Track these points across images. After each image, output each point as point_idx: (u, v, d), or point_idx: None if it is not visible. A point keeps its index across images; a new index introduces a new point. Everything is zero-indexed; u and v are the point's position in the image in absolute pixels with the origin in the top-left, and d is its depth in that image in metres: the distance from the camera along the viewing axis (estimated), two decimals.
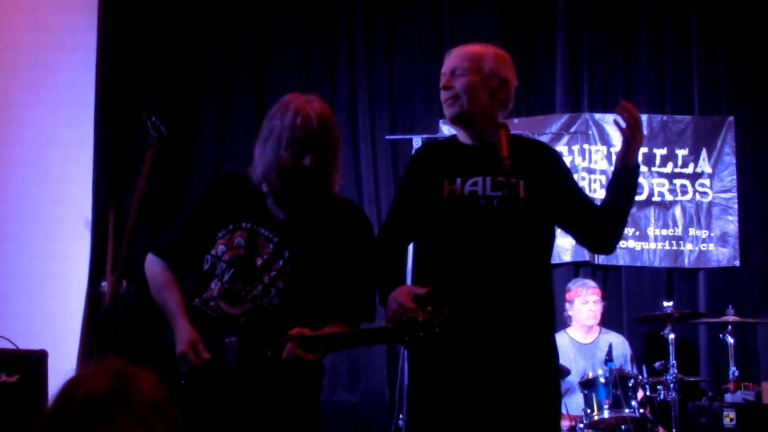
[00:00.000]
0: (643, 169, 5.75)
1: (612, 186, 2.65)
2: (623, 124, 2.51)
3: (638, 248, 5.69)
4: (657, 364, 4.60)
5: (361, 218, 2.68)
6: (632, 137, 2.50)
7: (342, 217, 2.60)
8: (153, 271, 2.63)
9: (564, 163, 2.85)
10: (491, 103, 2.68)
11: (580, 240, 2.77)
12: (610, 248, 2.80)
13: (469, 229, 2.59)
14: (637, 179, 2.62)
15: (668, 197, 5.74)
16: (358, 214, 2.70)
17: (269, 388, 2.44)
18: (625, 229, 5.61)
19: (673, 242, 5.70)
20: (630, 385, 4.49)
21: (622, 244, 5.69)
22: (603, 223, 2.64)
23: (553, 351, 2.68)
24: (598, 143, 5.77)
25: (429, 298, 2.41)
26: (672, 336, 4.63)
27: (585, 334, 5.12)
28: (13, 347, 3.84)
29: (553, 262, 5.58)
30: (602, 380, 4.49)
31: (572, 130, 5.77)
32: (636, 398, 4.49)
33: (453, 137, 2.85)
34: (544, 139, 5.72)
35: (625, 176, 2.59)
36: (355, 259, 2.57)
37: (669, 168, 5.77)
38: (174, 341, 2.49)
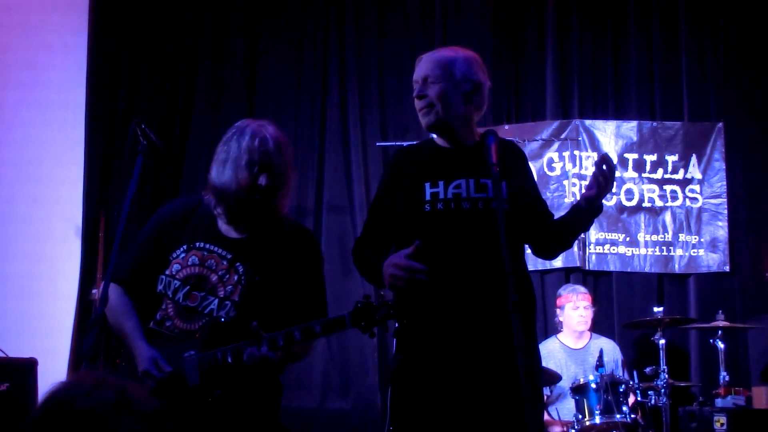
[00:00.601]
0: (633, 175, 5.78)
1: (571, 217, 2.73)
2: (599, 174, 2.59)
3: (629, 254, 5.71)
4: (648, 369, 4.60)
5: (308, 237, 2.81)
6: (605, 186, 2.60)
7: (291, 236, 2.70)
8: (109, 298, 2.64)
9: (526, 160, 2.89)
10: (466, 108, 2.70)
11: (529, 243, 2.82)
12: (553, 257, 2.96)
13: (455, 232, 2.59)
14: (597, 216, 2.72)
15: (658, 203, 5.76)
16: (306, 233, 2.82)
17: (230, 401, 2.50)
18: (616, 234, 5.67)
19: (664, 248, 5.72)
20: (621, 390, 4.49)
21: (612, 249, 5.71)
22: (556, 239, 2.77)
23: (537, 355, 2.71)
24: (589, 149, 5.79)
25: (418, 253, 2.45)
26: (663, 341, 4.64)
27: (576, 339, 5.13)
28: (3, 355, 3.82)
29: (543, 267, 5.61)
30: (593, 386, 4.49)
31: (563, 136, 5.79)
32: (627, 403, 4.49)
33: (429, 141, 2.85)
34: (535, 145, 5.75)
35: (587, 214, 2.68)
36: (306, 274, 2.68)
37: (659, 174, 5.79)
38: (131, 371, 2.53)
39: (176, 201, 2.79)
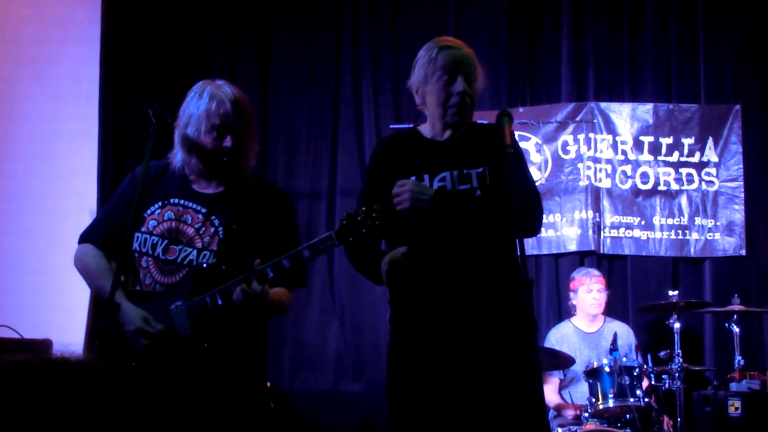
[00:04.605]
0: (649, 158, 5.74)
1: None
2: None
3: (644, 237, 5.68)
4: (662, 353, 4.58)
5: (279, 192, 2.82)
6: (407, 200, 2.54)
7: (263, 191, 2.74)
8: (84, 261, 2.71)
9: (518, 146, 2.85)
10: None
11: None
12: None
13: (441, 224, 2.60)
14: (449, 207, 2.60)
15: (674, 186, 5.72)
16: (276, 189, 2.85)
17: (221, 349, 2.52)
18: (631, 218, 5.63)
19: (679, 231, 5.68)
20: (635, 374, 4.48)
21: (627, 233, 5.67)
22: None
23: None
24: (604, 132, 5.75)
25: (412, 250, 2.49)
26: (677, 325, 4.62)
27: (589, 323, 5.11)
28: (17, 336, 3.85)
29: (558, 251, 5.60)
30: (607, 369, 4.48)
31: (578, 119, 5.75)
32: (641, 387, 4.48)
33: (413, 130, 2.85)
34: (550, 128, 5.72)
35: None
36: (280, 227, 2.68)
37: (675, 157, 5.74)
38: (114, 333, 2.52)
39: (146, 165, 2.76)
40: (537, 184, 3.43)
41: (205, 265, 2.56)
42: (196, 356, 2.50)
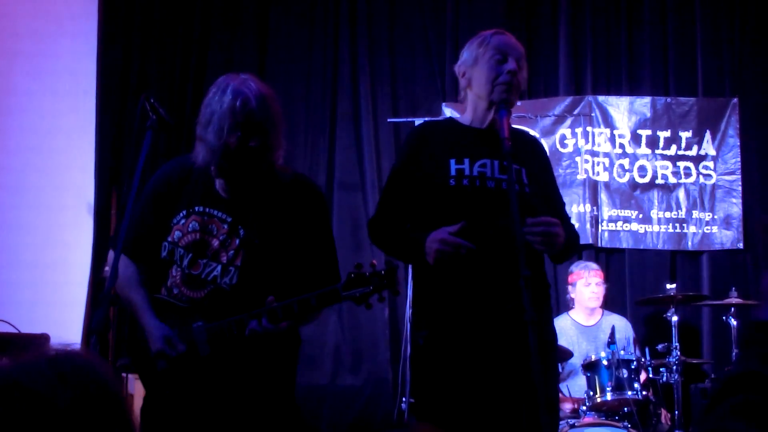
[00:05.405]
0: (647, 151, 5.74)
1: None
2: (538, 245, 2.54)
3: (641, 231, 5.68)
4: (660, 346, 4.59)
5: (312, 190, 2.69)
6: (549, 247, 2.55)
7: (293, 191, 2.61)
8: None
9: (548, 159, 2.92)
10: None
11: None
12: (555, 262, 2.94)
13: (479, 209, 2.61)
14: (568, 244, 2.63)
15: (672, 180, 5.72)
16: (309, 185, 2.71)
17: (242, 364, 2.47)
18: (629, 211, 5.63)
19: (677, 225, 5.68)
20: (633, 367, 4.48)
21: (625, 226, 5.67)
22: None
23: (552, 328, 2.76)
24: (602, 126, 5.75)
25: (464, 232, 2.48)
26: (675, 318, 4.62)
27: (588, 316, 5.11)
28: (14, 331, 3.84)
29: None
30: (605, 363, 4.48)
31: (575, 112, 5.75)
32: (639, 380, 4.48)
33: (451, 119, 2.88)
34: (547, 121, 5.71)
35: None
36: (312, 231, 2.60)
37: (673, 150, 5.74)
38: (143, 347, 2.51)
39: (170, 164, 2.69)
40: None
41: (226, 287, 2.50)
42: (216, 375, 2.46)
